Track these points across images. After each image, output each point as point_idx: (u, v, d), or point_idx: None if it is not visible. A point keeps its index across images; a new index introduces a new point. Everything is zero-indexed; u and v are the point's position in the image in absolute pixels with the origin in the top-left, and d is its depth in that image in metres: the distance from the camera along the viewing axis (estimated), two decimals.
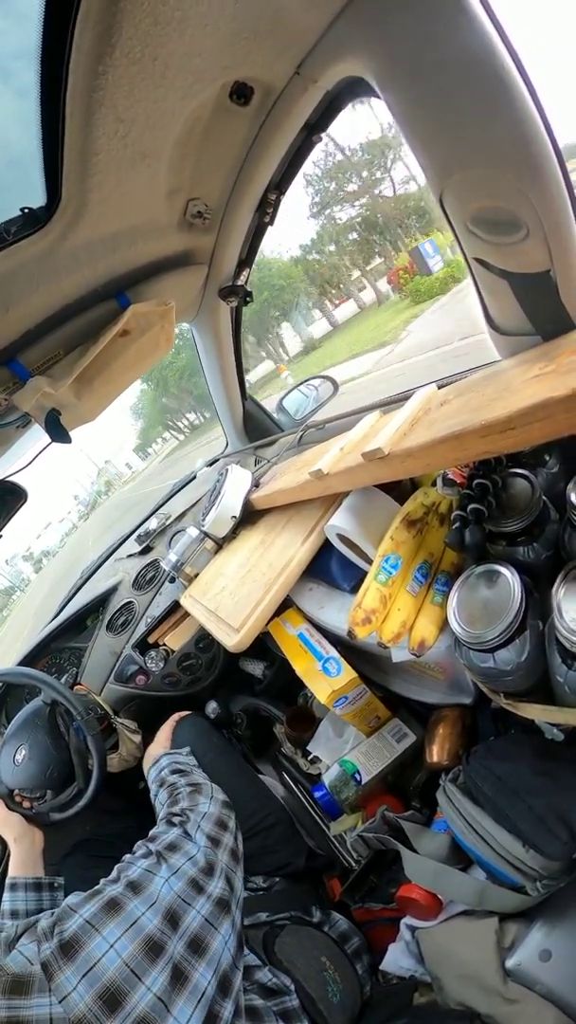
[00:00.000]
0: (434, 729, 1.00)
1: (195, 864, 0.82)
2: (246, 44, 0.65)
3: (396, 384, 8.68)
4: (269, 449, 1.73)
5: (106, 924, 0.70)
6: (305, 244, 23.27)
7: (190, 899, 0.76)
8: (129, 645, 1.59)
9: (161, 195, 0.88)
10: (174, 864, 0.80)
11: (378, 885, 1.07)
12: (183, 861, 0.81)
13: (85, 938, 0.68)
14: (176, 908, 0.73)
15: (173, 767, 1.10)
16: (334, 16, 0.63)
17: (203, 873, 0.81)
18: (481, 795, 0.81)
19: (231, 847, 0.89)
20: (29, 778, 1.23)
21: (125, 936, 0.68)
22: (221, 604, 1.24)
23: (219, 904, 0.77)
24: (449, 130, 0.63)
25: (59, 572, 31.82)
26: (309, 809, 1.27)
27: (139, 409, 55.01)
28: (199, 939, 0.72)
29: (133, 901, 0.73)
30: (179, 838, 0.87)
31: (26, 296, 0.86)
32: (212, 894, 0.78)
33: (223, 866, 0.84)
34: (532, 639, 0.73)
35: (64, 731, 1.30)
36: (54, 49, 0.52)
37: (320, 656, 1.12)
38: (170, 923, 0.71)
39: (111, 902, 0.73)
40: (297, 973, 0.82)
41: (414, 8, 0.56)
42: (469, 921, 0.81)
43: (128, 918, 0.71)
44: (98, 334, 1.03)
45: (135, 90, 0.62)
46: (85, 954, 0.66)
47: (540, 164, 0.61)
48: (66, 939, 0.68)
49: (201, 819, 0.92)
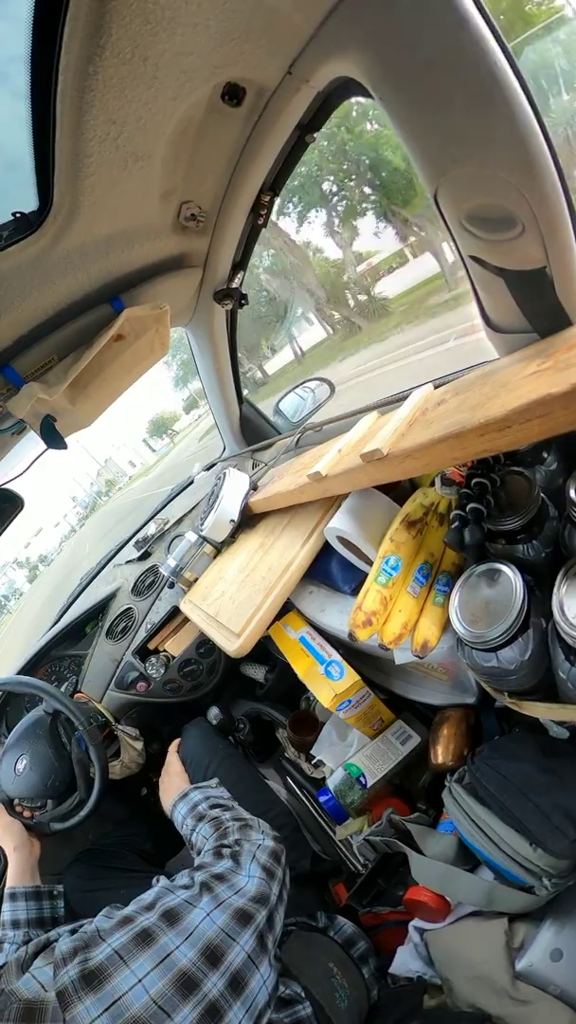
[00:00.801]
0: (438, 730, 1.00)
1: (243, 896, 0.76)
2: (237, 44, 0.65)
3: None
4: (267, 452, 1.73)
5: (136, 957, 0.65)
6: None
7: (235, 933, 0.70)
8: (129, 652, 1.58)
9: (154, 198, 0.88)
10: (219, 895, 0.75)
11: (385, 888, 1.06)
12: (229, 893, 0.76)
13: (112, 969, 0.64)
14: (219, 943, 0.68)
15: (212, 802, 1.04)
16: (325, 15, 0.62)
17: (253, 902, 0.76)
18: (487, 795, 0.80)
19: (283, 883, 0.84)
20: (30, 787, 1.22)
21: (156, 971, 0.64)
22: (221, 609, 1.24)
23: (260, 940, 0.72)
24: (442, 128, 0.62)
25: (56, 581, 31.19)
26: (314, 814, 1.26)
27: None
28: (240, 977, 0.67)
29: (168, 934, 0.68)
30: (229, 870, 0.81)
31: (19, 301, 0.85)
32: (259, 926, 0.73)
33: (274, 900, 0.79)
34: (535, 637, 0.73)
35: (66, 741, 1.29)
36: (43, 50, 0.52)
37: (322, 660, 1.12)
38: (209, 959, 0.66)
39: (143, 933, 0.68)
40: (305, 980, 0.80)
41: (405, 7, 0.56)
42: (478, 922, 0.80)
43: (161, 951, 0.66)
44: (92, 339, 1.02)
45: (126, 91, 0.62)
46: (110, 987, 0.62)
47: (534, 160, 0.61)
48: (90, 969, 0.64)
49: (256, 849, 0.86)
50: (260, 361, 25.07)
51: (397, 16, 0.57)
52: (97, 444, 66.87)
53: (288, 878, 0.87)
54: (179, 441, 46.67)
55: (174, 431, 66.26)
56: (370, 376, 11.27)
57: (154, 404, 65.50)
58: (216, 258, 1.17)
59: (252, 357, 23.78)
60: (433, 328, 11.46)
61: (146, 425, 70.63)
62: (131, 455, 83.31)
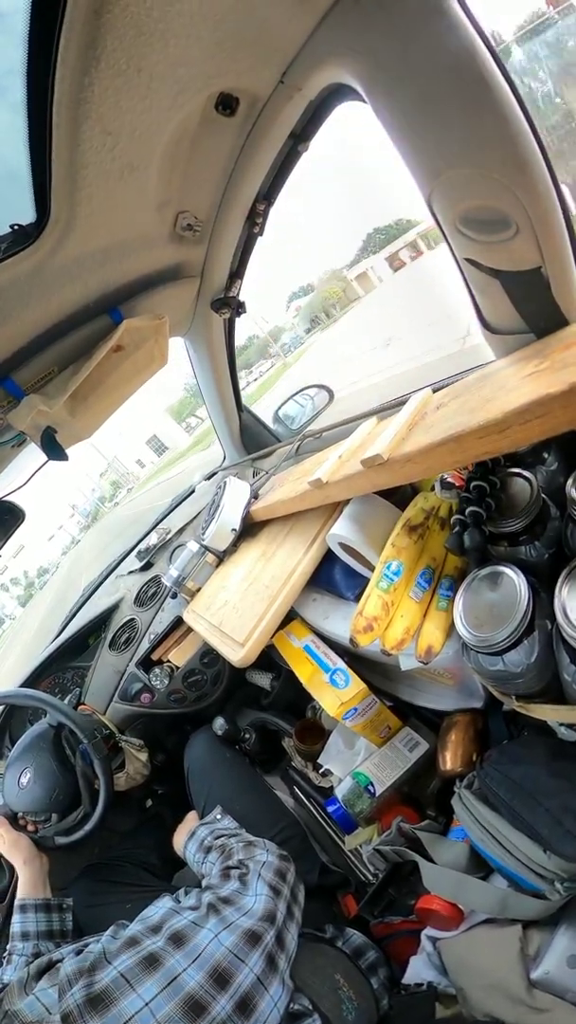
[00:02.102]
0: (446, 736, 0.99)
1: (251, 916, 0.76)
2: (230, 54, 0.66)
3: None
4: (267, 460, 1.73)
5: (142, 981, 0.65)
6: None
7: (243, 955, 0.70)
8: (133, 663, 1.58)
9: (151, 208, 0.88)
10: (226, 917, 0.75)
11: (397, 898, 1.05)
12: (237, 915, 0.75)
13: (117, 993, 0.63)
14: (227, 966, 0.68)
15: (216, 834, 1.05)
16: (316, 23, 0.63)
17: (261, 922, 0.75)
18: (497, 800, 0.79)
19: (289, 900, 0.84)
20: (34, 801, 1.21)
21: (163, 994, 0.63)
22: (225, 618, 1.23)
23: (269, 960, 0.72)
24: (434, 131, 0.63)
25: (52, 601, 29.54)
26: (323, 824, 1.24)
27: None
28: (249, 999, 0.66)
29: (174, 956, 0.68)
30: (235, 891, 0.81)
31: (18, 313, 0.86)
32: (268, 946, 0.73)
33: (282, 918, 0.78)
34: (541, 639, 0.72)
35: (70, 754, 1.28)
36: (39, 63, 0.52)
37: (327, 668, 1.11)
38: (217, 982, 0.66)
39: (150, 956, 0.68)
40: (311, 992, 0.79)
41: (394, 13, 0.57)
42: (492, 930, 0.79)
43: (168, 974, 0.66)
44: (92, 350, 1.02)
45: (121, 102, 0.62)
46: (116, 1011, 0.61)
47: (526, 161, 0.62)
48: (96, 992, 0.63)
49: (261, 867, 0.86)
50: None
51: (387, 22, 0.58)
52: (105, 440, 62.80)
53: (300, 894, 0.87)
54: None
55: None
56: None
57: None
58: (213, 267, 1.18)
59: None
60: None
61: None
62: (140, 452, 73.95)
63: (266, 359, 54.00)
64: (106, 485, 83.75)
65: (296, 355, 21.12)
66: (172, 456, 50.03)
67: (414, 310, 15.54)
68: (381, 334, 14.81)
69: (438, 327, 10.27)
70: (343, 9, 0.60)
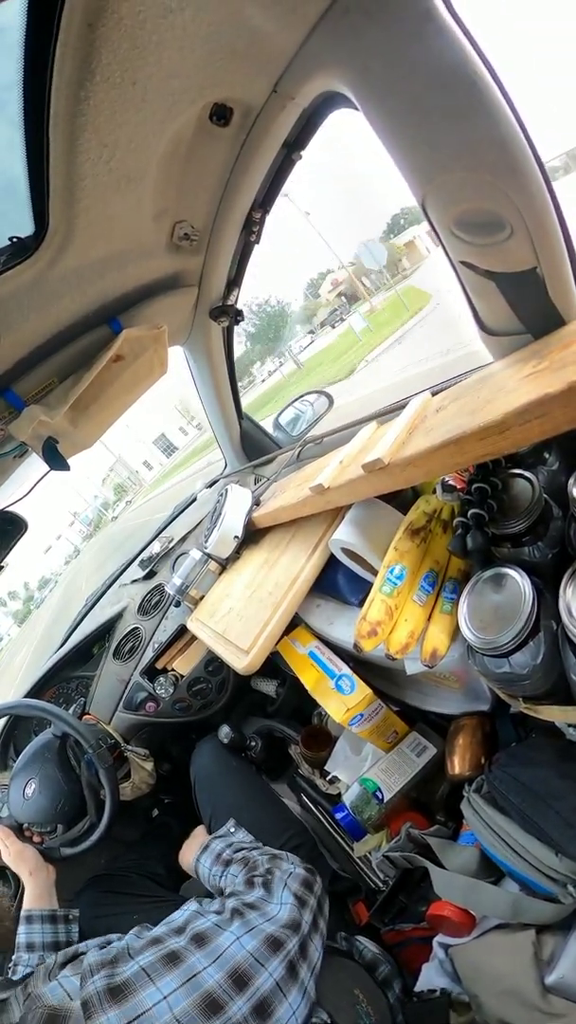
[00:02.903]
0: (454, 740, 0.98)
1: (275, 923, 0.76)
2: (222, 65, 0.66)
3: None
4: (268, 467, 1.73)
5: (163, 975, 0.66)
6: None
7: (264, 959, 0.70)
8: (137, 672, 1.57)
9: (148, 218, 0.89)
10: (250, 921, 0.75)
11: (407, 905, 1.03)
12: (261, 920, 0.76)
13: (137, 985, 0.64)
14: (247, 968, 0.68)
15: (236, 847, 1.04)
16: (307, 33, 0.64)
17: (285, 929, 0.75)
18: (507, 803, 0.79)
19: (315, 911, 0.83)
20: (39, 812, 1.21)
21: (182, 989, 0.64)
22: (229, 626, 1.23)
23: (290, 968, 0.72)
24: (427, 136, 0.63)
25: (51, 618, 28.63)
26: (331, 831, 1.23)
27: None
28: (267, 1004, 0.66)
29: (195, 955, 0.69)
30: (260, 898, 0.81)
31: (18, 325, 0.86)
32: (290, 954, 0.73)
33: (307, 928, 0.78)
34: (546, 640, 0.72)
35: (75, 764, 1.28)
36: (36, 77, 0.53)
37: (332, 674, 1.10)
38: (236, 983, 0.66)
39: (172, 954, 0.69)
40: (329, 1006, 0.78)
41: (384, 20, 0.58)
42: (504, 935, 0.78)
43: (188, 970, 0.66)
44: (91, 361, 1.03)
45: (117, 114, 0.63)
46: (135, 1001, 0.62)
47: (518, 163, 0.62)
48: (116, 983, 0.65)
49: (287, 877, 0.86)
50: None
51: (377, 29, 0.59)
52: (111, 437, 58.34)
53: (326, 907, 0.86)
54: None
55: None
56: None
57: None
58: (211, 276, 1.19)
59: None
60: None
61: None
62: (146, 453, 68.18)
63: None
64: (109, 490, 78.20)
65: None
66: (183, 456, 47.11)
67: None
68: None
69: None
70: (333, 18, 0.61)
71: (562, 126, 56.67)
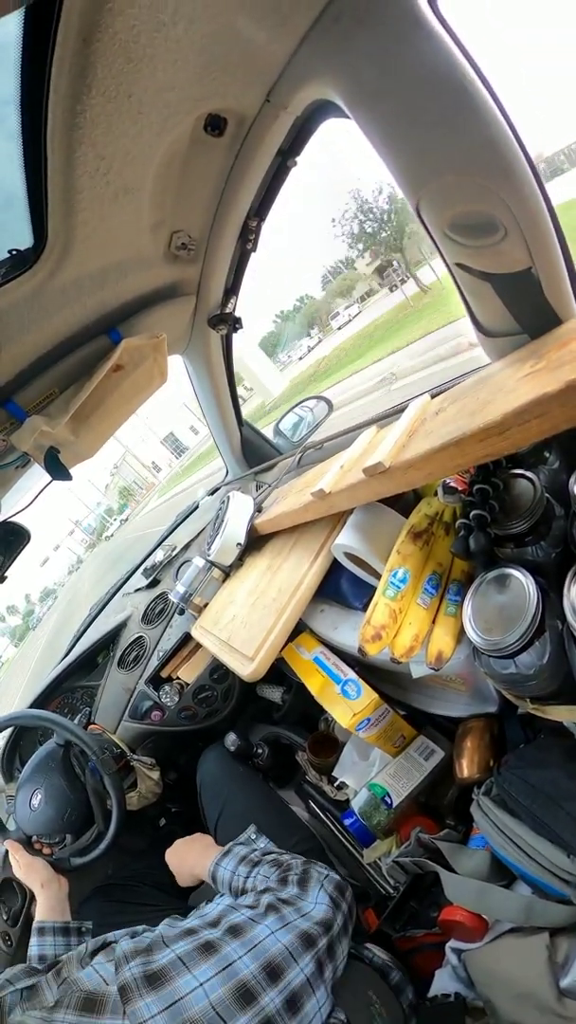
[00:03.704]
0: (462, 742, 0.97)
1: (309, 919, 0.76)
2: (216, 76, 0.67)
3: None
4: (269, 473, 1.73)
5: (199, 964, 0.67)
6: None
7: (297, 954, 0.71)
8: (142, 681, 1.57)
9: (145, 229, 0.90)
10: (285, 916, 0.75)
11: (419, 910, 1.02)
12: (295, 916, 0.76)
13: (174, 972, 0.65)
14: (280, 961, 0.69)
15: (265, 850, 1.02)
16: (298, 43, 0.65)
17: (318, 926, 0.76)
18: (517, 806, 0.78)
19: (346, 916, 0.83)
20: (46, 823, 1.20)
21: (217, 977, 0.65)
22: (233, 633, 1.23)
23: (319, 966, 0.72)
24: (419, 141, 0.64)
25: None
26: (340, 838, 1.23)
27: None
28: (297, 998, 0.67)
29: (231, 944, 0.70)
30: (295, 895, 0.82)
31: (18, 336, 0.87)
32: (320, 953, 0.73)
33: (337, 930, 0.78)
34: (552, 640, 0.72)
35: (80, 772, 1.27)
36: (32, 91, 0.54)
37: (338, 679, 1.10)
38: (269, 975, 0.67)
39: (207, 944, 0.70)
40: (344, 1006, 0.78)
41: (373, 27, 0.59)
42: (518, 939, 0.77)
43: (223, 960, 0.67)
44: (92, 370, 1.04)
45: (113, 127, 0.64)
46: (171, 988, 0.63)
47: (510, 164, 0.63)
48: (153, 970, 0.65)
49: (324, 879, 0.86)
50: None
51: (366, 37, 0.60)
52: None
53: (354, 915, 0.86)
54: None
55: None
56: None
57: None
58: (208, 285, 1.20)
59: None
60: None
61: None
62: (154, 453, 61.78)
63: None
64: (114, 495, 72.31)
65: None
66: (195, 455, 43.60)
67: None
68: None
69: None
70: (323, 28, 0.62)
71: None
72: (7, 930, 1.24)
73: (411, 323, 17.13)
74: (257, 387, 32.54)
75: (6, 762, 1.58)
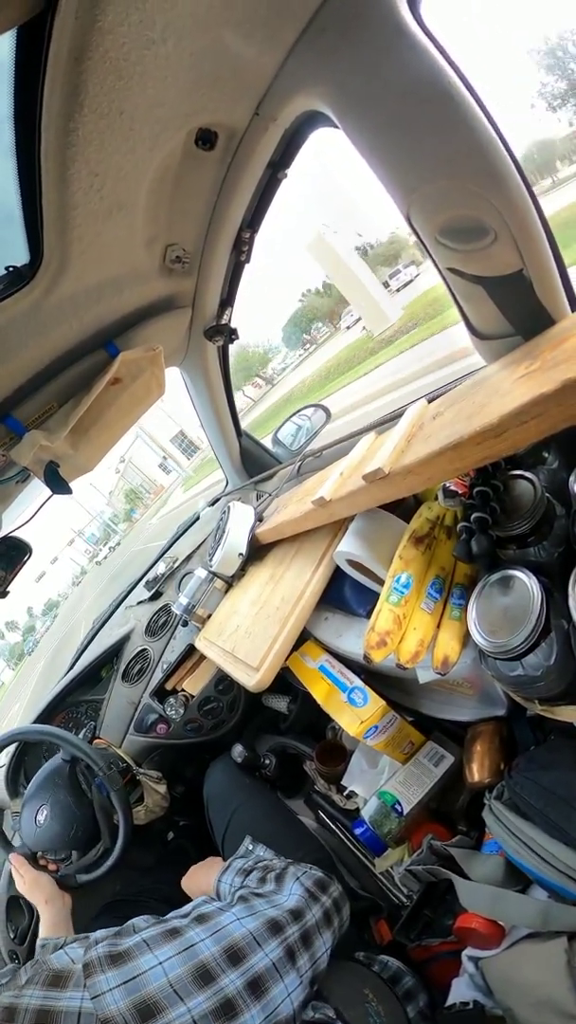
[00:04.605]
0: (471, 747, 0.97)
1: (279, 908, 0.77)
2: (205, 92, 0.69)
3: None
4: (269, 483, 1.74)
5: (161, 945, 0.68)
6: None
7: (262, 940, 0.71)
8: (147, 694, 1.56)
9: (139, 243, 0.91)
10: (253, 906, 0.77)
11: (433, 919, 1.01)
12: (265, 906, 0.77)
13: (136, 952, 0.67)
14: (243, 946, 0.70)
15: (257, 859, 1.02)
16: (285, 56, 0.66)
17: (287, 914, 0.76)
18: (529, 809, 0.77)
19: (329, 908, 0.82)
20: (52, 839, 1.19)
21: (177, 957, 0.66)
22: (237, 644, 1.22)
23: (288, 953, 0.72)
24: (407, 148, 0.65)
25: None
26: (351, 847, 1.21)
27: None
28: (261, 981, 0.68)
29: (195, 929, 0.71)
30: (270, 890, 0.83)
31: (16, 352, 0.88)
32: (289, 940, 0.73)
33: (313, 921, 0.78)
34: (558, 640, 0.72)
35: (86, 788, 1.26)
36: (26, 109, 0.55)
37: (344, 687, 1.09)
38: (230, 958, 0.68)
39: (172, 930, 0.71)
40: (335, 1001, 0.76)
41: (357, 39, 0.60)
42: (535, 944, 0.76)
43: (185, 942, 0.69)
44: (90, 384, 1.04)
45: (105, 144, 0.65)
46: (132, 965, 0.65)
47: (497, 168, 0.64)
48: (117, 951, 0.67)
49: (302, 874, 0.86)
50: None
51: (351, 47, 0.61)
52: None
53: (345, 910, 0.86)
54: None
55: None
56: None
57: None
58: (203, 297, 1.21)
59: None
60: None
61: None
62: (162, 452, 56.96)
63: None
64: (120, 500, 66.78)
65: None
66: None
67: None
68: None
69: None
70: (309, 41, 0.63)
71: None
72: (14, 948, 1.23)
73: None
74: (368, 311, 24.64)
75: (11, 779, 1.57)
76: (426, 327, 16.62)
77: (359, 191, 65.79)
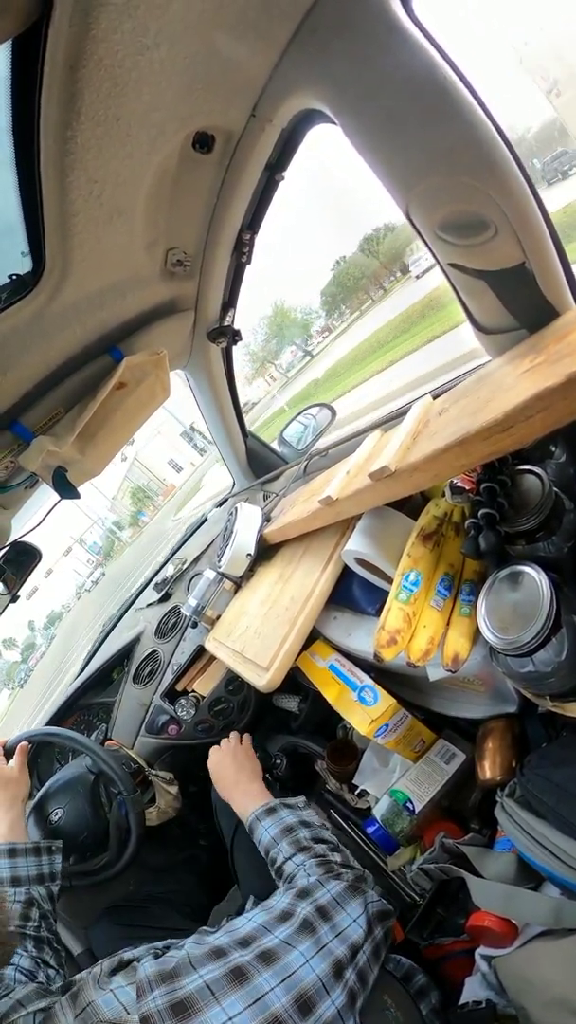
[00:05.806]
0: (483, 744, 0.96)
1: (343, 942, 0.73)
2: (201, 95, 0.69)
3: None
4: (276, 483, 1.74)
5: (228, 994, 0.63)
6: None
7: (330, 986, 0.68)
8: (157, 695, 1.57)
9: (140, 248, 0.92)
10: (321, 939, 0.72)
11: (446, 918, 1.01)
12: (331, 936, 0.73)
13: (202, 1003, 0.62)
14: (312, 994, 0.66)
15: (313, 833, 0.97)
16: (278, 56, 0.66)
17: (347, 952, 0.73)
18: (542, 806, 0.77)
19: (378, 943, 0.79)
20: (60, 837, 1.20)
21: (248, 1011, 0.62)
22: (247, 644, 1.23)
23: (350, 997, 0.69)
24: (404, 144, 0.65)
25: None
26: (363, 846, 1.21)
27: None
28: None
29: (263, 973, 0.66)
30: (343, 893, 0.79)
31: (22, 359, 0.89)
32: (349, 982, 0.70)
33: (364, 959, 0.75)
34: (569, 635, 0.71)
35: (105, 802, 1.27)
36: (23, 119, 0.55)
37: (354, 686, 1.09)
38: (301, 1009, 0.64)
39: (237, 970, 0.66)
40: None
41: (350, 36, 0.60)
42: (549, 942, 0.75)
43: (254, 992, 0.64)
44: (95, 389, 1.05)
45: (103, 150, 0.66)
46: (199, 1021, 0.60)
47: (495, 162, 0.63)
48: (179, 999, 0.62)
49: (371, 902, 0.81)
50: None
51: (345, 45, 0.61)
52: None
53: (386, 946, 0.82)
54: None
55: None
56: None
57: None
58: (206, 299, 1.21)
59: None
60: None
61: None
62: (172, 450, 53.79)
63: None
64: (126, 501, 61.10)
65: None
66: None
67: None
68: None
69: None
70: (302, 40, 0.63)
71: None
72: None
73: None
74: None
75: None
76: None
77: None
